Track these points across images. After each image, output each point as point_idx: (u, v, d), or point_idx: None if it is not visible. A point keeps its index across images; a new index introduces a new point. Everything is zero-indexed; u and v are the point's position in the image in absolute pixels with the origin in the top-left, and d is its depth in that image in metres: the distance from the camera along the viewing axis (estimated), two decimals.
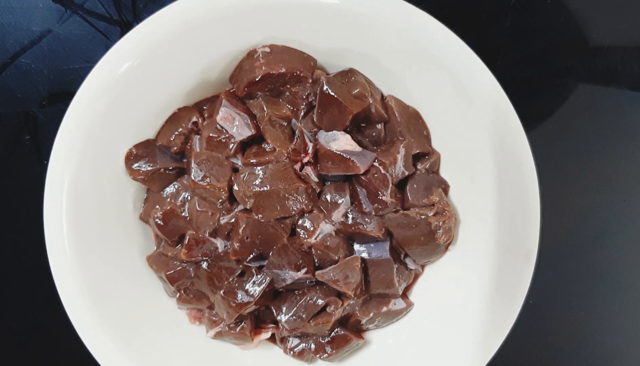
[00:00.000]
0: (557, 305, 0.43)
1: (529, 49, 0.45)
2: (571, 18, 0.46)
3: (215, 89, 0.39)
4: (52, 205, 0.34)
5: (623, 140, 0.47)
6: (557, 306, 0.43)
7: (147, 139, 0.38)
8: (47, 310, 0.39)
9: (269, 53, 0.36)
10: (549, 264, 0.41)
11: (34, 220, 0.35)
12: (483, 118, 0.34)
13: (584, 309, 0.47)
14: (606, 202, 0.47)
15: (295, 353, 0.40)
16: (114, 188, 0.38)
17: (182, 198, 0.39)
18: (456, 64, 0.34)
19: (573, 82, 0.46)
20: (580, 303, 0.47)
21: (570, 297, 0.46)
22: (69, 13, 0.43)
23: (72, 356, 0.34)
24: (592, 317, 0.47)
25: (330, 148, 0.37)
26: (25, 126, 0.44)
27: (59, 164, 0.34)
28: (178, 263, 0.39)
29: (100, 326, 0.35)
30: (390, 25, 0.34)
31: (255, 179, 0.36)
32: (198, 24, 0.34)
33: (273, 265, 0.37)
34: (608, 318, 0.48)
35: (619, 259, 0.47)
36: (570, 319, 0.45)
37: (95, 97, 0.34)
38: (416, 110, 0.39)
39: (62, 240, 0.34)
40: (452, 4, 0.44)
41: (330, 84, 0.36)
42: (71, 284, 0.35)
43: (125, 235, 0.39)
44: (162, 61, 0.35)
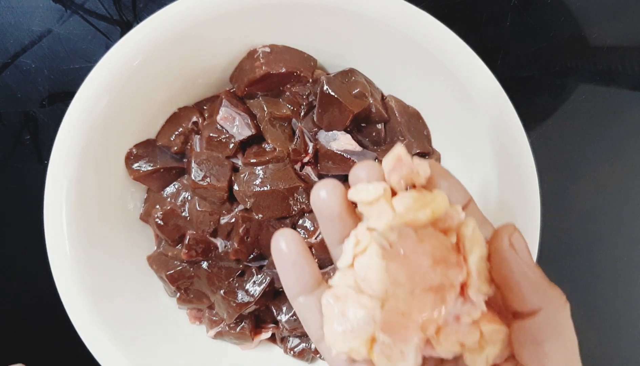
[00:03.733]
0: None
1: (529, 48, 0.45)
2: (571, 18, 0.46)
3: (216, 89, 0.39)
4: (52, 205, 0.34)
5: (624, 140, 0.46)
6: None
7: (147, 139, 0.38)
8: (47, 310, 0.39)
9: (269, 53, 0.36)
10: (549, 264, 0.41)
11: (34, 220, 0.35)
12: (483, 118, 0.34)
13: (584, 310, 0.47)
14: (607, 202, 0.47)
15: (296, 353, 0.40)
16: (114, 188, 0.38)
17: (182, 198, 0.39)
18: (456, 63, 0.34)
19: (573, 81, 0.46)
20: (580, 304, 0.47)
21: (570, 298, 0.46)
22: (69, 13, 0.43)
23: (72, 356, 0.34)
24: (593, 318, 0.47)
25: (330, 148, 0.37)
26: (25, 126, 0.44)
27: (59, 164, 0.34)
28: (178, 263, 0.39)
29: (101, 326, 0.35)
30: (390, 25, 0.34)
31: (256, 179, 0.36)
32: (198, 24, 0.34)
33: (273, 265, 0.37)
34: (609, 319, 0.48)
35: (619, 259, 0.47)
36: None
37: (95, 97, 0.34)
38: (416, 110, 0.39)
39: (62, 240, 0.34)
40: (452, 3, 0.44)
41: (330, 84, 0.36)
42: (71, 284, 0.34)
43: (126, 235, 0.39)
44: (162, 61, 0.35)
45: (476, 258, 0.19)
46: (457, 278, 0.18)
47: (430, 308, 0.18)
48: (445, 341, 0.19)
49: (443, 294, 0.18)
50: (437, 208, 0.19)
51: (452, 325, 0.19)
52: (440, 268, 0.18)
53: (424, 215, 0.19)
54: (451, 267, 0.18)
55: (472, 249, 0.19)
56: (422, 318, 0.18)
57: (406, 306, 0.18)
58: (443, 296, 0.18)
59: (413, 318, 0.18)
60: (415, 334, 0.18)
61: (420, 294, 0.18)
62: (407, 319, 0.18)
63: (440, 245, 0.19)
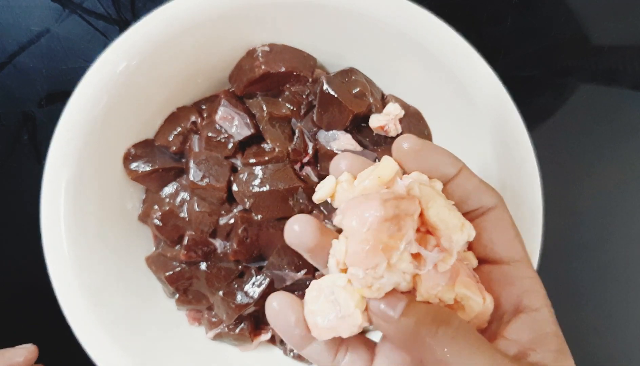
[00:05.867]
0: (559, 306, 0.43)
1: (530, 48, 0.45)
2: (572, 17, 0.45)
3: (215, 89, 0.39)
4: (50, 205, 0.34)
5: (625, 140, 0.46)
6: (559, 307, 0.43)
7: (146, 139, 0.38)
8: (44, 312, 0.39)
9: (268, 52, 0.36)
10: (551, 264, 0.41)
11: (32, 220, 0.35)
12: (484, 117, 0.34)
13: (587, 310, 0.47)
14: (609, 202, 0.47)
15: (296, 355, 0.40)
16: (112, 189, 0.37)
17: (181, 199, 0.39)
18: (457, 62, 0.34)
19: (574, 81, 0.46)
20: (583, 305, 0.47)
21: (573, 298, 0.46)
22: (67, 12, 0.43)
23: (70, 357, 0.34)
24: (595, 318, 0.47)
25: (330, 148, 0.37)
26: (23, 126, 0.44)
27: (56, 164, 0.34)
28: (177, 264, 0.38)
29: (98, 327, 0.34)
30: (390, 23, 0.34)
31: (255, 179, 0.36)
32: (197, 23, 0.34)
33: (273, 266, 0.37)
34: (611, 319, 0.47)
35: (621, 259, 0.47)
36: (573, 320, 0.45)
37: (93, 97, 0.34)
38: (417, 110, 0.39)
39: (60, 240, 0.34)
40: (453, 3, 0.44)
41: (330, 84, 0.36)
42: (69, 285, 0.34)
43: (124, 235, 0.39)
44: (160, 60, 0.34)
45: (435, 210, 0.21)
46: (410, 208, 0.20)
47: (386, 234, 0.20)
48: (425, 291, 0.21)
49: (399, 222, 0.20)
50: (382, 171, 0.21)
51: (433, 275, 0.21)
52: (390, 204, 0.20)
53: (371, 181, 0.21)
54: (402, 200, 0.20)
55: (427, 204, 0.21)
56: (382, 244, 0.20)
57: (365, 237, 0.20)
58: (398, 224, 0.20)
59: (373, 246, 0.20)
60: (380, 259, 0.20)
61: (376, 226, 0.20)
62: (369, 247, 0.20)
63: (392, 193, 0.21)
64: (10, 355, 0.34)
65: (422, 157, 0.23)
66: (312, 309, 0.22)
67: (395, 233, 0.20)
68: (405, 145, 0.22)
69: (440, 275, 0.21)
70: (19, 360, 0.34)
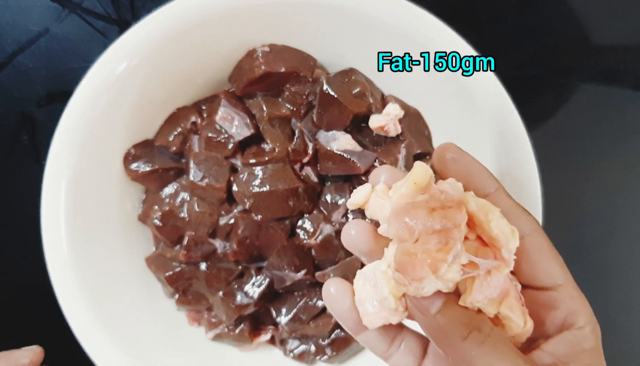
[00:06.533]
0: None
1: (530, 48, 0.45)
2: (573, 17, 0.45)
3: (214, 89, 0.39)
4: (50, 205, 0.34)
5: (625, 140, 0.46)
6: None
7: (146, 139, 0.38)
8: (44, 312, 0.39)
9: (268, 52, 0.36)
10: None
11: (31, 220, 0.35)
12: (484, 117, 0.34)
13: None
14: (609, 202, 0.47)
15: (296, 355, 0.40)
16: (112, 189, 0.37)
17: (180, 199, 0.38)
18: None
19: (575, 81, 0.46)
20: None
21: None
22: (66, 12, 0.43)
23: (70, 357, 0.34)
24: (596, 317, 0.47)
25: (330, 148, 0.36)
26: (23, 126, 0.44)
27: (56, 164, 0.34)
28: (177, 264, 0.38)
29: (98, 327, 0.34)
30: (390, 23, 0.34)
31: (255, 179, 0.36)
32: (197, 23, 0.34)
33: (272, 266, 0.37)
34: (612, 320, 0.47)
35: (622, 259, 0.47)
36: None
37: (93, 97, 0.34)
38: (417, 110, 0.38)
39: (60, 240, 0.34)
40: (453, 3, 0.44)
41: (330, 84, 0.36)
42: (69, 285, 0.34)
43: (124, 236, 0.39)
44: (160, 60, 0.34)
45: (495, 222, 0.20)
46: (457, 218, 0.20)
47: (434, 246, 0.19)
48: (471, 301, 0.21)
49: (447, 234, 0.20)
50: (417, 177, 0.21)
51: (485, 288, 0.21)
52: (437, 214, 0.20)
53: (407, 188, 0.21)
54: (449, 210, 0.20)
55: (487, 216, 0.20)
56: (429, 258, 0.19)
57: (412, 249, 0.20)
58: (447, 236, 0.20)
59: (420, 259, 0.19)
60: (426, 273, 0.20)
61: (424, 238, 0.20)
62: (414, 259, 0.20)
63: (437, 199, 0.20)
64: (16, 356, 0.34)
65: (461, 168, 0.23)
66: (360, 297, 0.23)
67: (443, 246, 0.20)
68: (449, 155, 0.23)
69: (492, 290, 0.21)
70: (24, 362, 0.34)
